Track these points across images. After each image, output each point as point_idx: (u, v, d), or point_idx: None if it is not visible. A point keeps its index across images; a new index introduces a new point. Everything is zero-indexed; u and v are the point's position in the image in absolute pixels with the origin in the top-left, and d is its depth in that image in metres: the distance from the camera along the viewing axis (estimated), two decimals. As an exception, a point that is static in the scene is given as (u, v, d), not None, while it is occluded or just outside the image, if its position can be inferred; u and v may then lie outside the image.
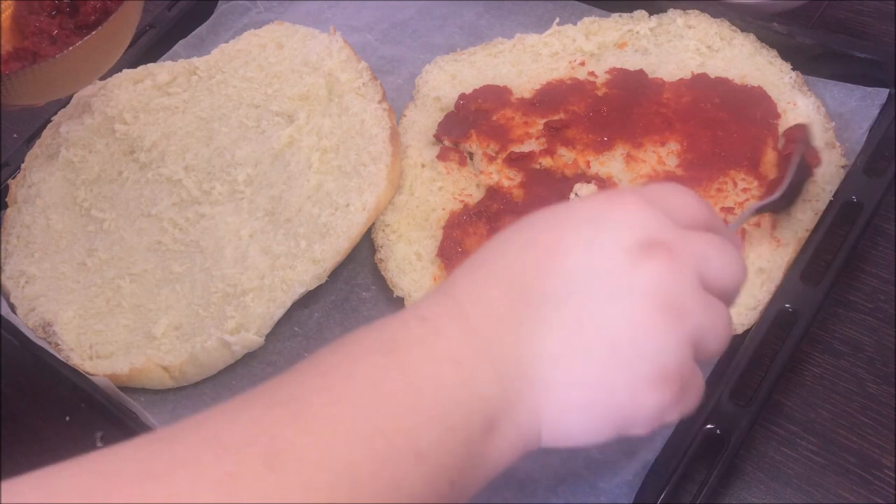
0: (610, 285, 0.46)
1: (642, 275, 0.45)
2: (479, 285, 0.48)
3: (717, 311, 0.48)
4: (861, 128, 0.77)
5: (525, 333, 0.46)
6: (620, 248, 0.46)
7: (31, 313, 0.81)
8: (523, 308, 0.47)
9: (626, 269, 0.46)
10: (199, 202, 0.83)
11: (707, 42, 0.86)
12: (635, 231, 0.47)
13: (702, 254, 0.47)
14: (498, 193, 0.79)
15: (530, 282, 0.47)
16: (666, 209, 0.48)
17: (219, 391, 0.75)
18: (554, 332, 0.46)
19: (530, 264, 0.48)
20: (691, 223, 0.49)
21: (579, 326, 0.46)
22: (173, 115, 0.91)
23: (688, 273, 0.46)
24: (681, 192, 0.51)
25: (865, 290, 0.72)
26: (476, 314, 0.47)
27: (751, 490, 0.64)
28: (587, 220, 0.48)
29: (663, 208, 0.48)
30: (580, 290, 0.46)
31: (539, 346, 0.46)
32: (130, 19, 0.80)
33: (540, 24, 0.95)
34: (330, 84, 0.88)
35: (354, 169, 0.80)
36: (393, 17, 1.02)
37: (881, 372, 0.68)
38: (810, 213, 0.73)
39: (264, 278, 0.76)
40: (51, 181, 0.90)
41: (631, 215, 0.47)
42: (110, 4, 0.79)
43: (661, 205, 0.48)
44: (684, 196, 0.51)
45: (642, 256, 0.46)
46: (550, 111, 0.84)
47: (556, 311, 0.46)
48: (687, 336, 0.46)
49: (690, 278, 0.46)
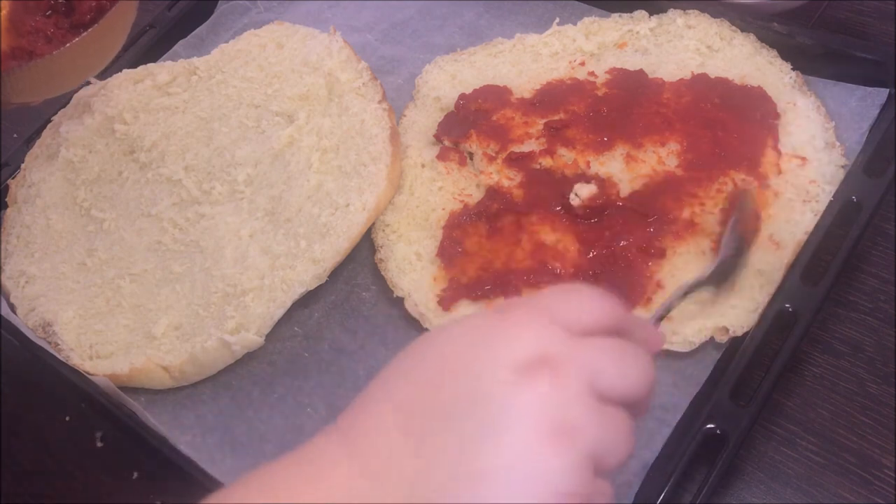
0: (495, 414, 0.43)
1: (527, 399, 0.43)
2: (369, 415, 0.47)
3: (615, 424, 0.45)
4: (861, 128, 0.77)
5: (415, 467, 0.44)
6: (506, 371, 0.44)
7: (31, 313, 0.81)
8: (413, 440, 0.44)
9: (511, 394, 0.43)
10: (199, 202, 0.83)
11: (707, 42, 0.86)
12: (521, 349, 0.45)
13: (595, 365, 0.45)
14: (498, 193, 0.79)
15: (419, 412, 0.45)
16: (561, 316, 0.46)
17: (219, 391, 0.75)
18: (443, 465, 0.44)
19: (419, 392, 0.46)
20: (592, 327, 0.47)
21: (471, 457, 0.43)
22: (173, 115, 0.91)
23: (577, 389, 0.44)
24: (579, 294, 0.48)
25: (865, 290, 0.72)
26: (365, 446, 0.45)
27: (751, 490, 0.64)
28: (474, 343, 0.46)
29: (557, 316, 0.46)
30: (467, 421, 0.44)
31: (428, 479, 0.44)
32: (126, 18, 0.80)
33: (540, 24, 0.95)
34: (330, 84, 0.88)
35: (354, 169, 0.80)
36: (393, 17, 1.02)
37: (881, 372, 0.68)
38: (810, 213, 0.73)
39: (264, 278, 0.76)
40: (51, 181, 0.90)
41: (518, 333, 0.45)
42: (106, 4, 0.79)
43: (555, 312, 0.46)
44: (584, 298, 0.48)
45: (527, 378, 0.43)
46: (550, 111, 0.84)
47: (444, 445, 0.44)
48: (582, 456, 0.43)
49: (581, 394, 0.44)
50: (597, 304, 0.48)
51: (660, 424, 0.65)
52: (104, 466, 0.75)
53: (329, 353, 0.76)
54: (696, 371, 0.67)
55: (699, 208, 0.74)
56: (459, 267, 0.76)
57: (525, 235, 0.76)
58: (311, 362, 0.75)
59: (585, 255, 0.74)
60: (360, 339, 0.76)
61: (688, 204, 0.75)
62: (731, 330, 0.67)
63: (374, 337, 0.76)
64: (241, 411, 0.73)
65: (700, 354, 0.68)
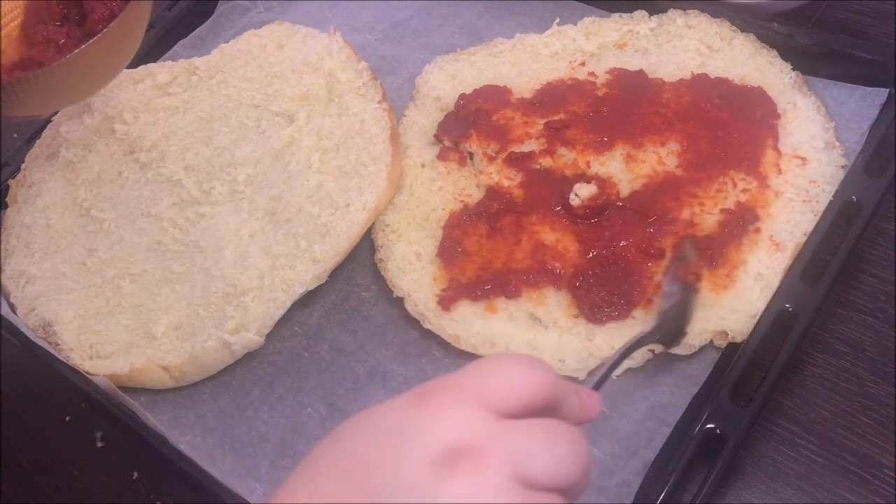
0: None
1: (448, 494, 0.41)
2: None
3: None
4: (861, 128, 0.77)
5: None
6: (426, 462, 0.42)
7: (31, 313, 0.81)
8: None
9: (432, 487, 0.41)
10: (199, 202, 0.83)
11: (707, 42, 0.86)
12: (442, 438, 0.42)
13: (522, 451, 0.42)
14: (498, 193, 0.79)
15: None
16: (486, 397, 0.43)
17: (219, 391, 0.75)
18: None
19: (341, 486, 0.44)
20: (520, 406, 0.44)
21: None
22: (173, 115, 0.91)
23: (501, 480, 0.41)
24: (507, 369, 0.45)
25: (865, 290, 0.72)
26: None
27: (751, 490, 0.64)
28: (393, 431, 0.44)
29: (482, 397, 0.43)
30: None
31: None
32: (137, 24, 0.79)
33: (540, 24, 0.95)
34: (330, 84, 0.88)
35: (354, 169, 0.80)
36: (393, 17, 1.02)
37: (881, 372, 0.68)
38: (810, 213, 0.73)
39: (264, 278, 0.76)
40: (51, 181, 0.90)
41: (439, 419, 0.43)
42: (118, 12, 0.78)
43: (479, 393, 0.44)
44: (511, 374, 0.45)
45: (447, 471, 0.41)
46: (550, 111, 0.84)
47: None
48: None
49: (505, 484, 0.41)
50: (526, 378, 0.45)
51: (660, 424, 0.65)
52: (104, 466, 0.76)
53: (329, 353, 0.76)
54: (695, 371, 0.68)
55: (699, 208, 0.74)
56: (459, 267, 0.76)
57: (525, 235, 0.76)
58: (311, 362, 0.75)
59: (585, 255, 0.74)
60: (360, 339, 0.76)
61: (687, 204, 0.75)
62: (731, 335, 0.67)
63: (374, 337, 0.76)
64: (241, 411, 0.73)
65: (700, 354, 0.68)
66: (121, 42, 0.78)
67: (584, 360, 0.69)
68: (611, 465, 0.64)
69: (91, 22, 0.79)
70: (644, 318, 0.70)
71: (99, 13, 0.78)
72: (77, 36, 0.79)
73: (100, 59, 0.77)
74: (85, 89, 0.82)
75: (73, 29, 0.80)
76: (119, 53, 0.80)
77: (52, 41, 0.78)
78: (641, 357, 0.68)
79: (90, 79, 0.79)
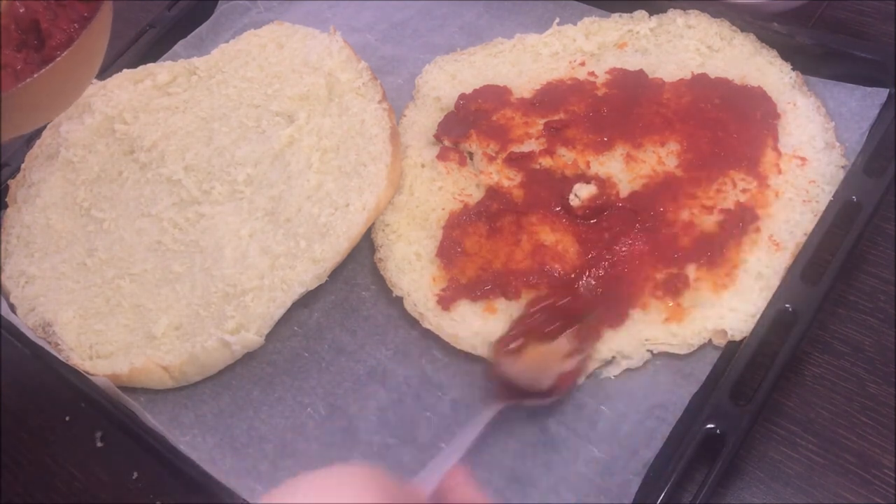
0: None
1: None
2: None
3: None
4: (861, 128, 0.77)
5: None
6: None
7: (31, 313, 0.81)
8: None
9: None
10: (199, 202, 0.83)
11: (707, 42, 0.86)
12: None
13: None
14: (498, 193, 0.79)
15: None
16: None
17: (219, 391, 0.75)
18: None
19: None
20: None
21: None
22: (173, 115, 0.91)
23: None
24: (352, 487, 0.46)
25: (865, 290, 0.72)
26: None
27: (751, 490, 0.64)
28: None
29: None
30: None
31: None
32: (95, 50, 0.78)
33: (540, 24, 0.95)
34: (330, 84, 0.88)
35: (354, 169, 0.80)
36: (393, 17, 1.02)
37: (881, 372, 0.68)
38: (810, 213, 0.73)
39: (264, 278, 0.76)
40: (51, 181, 0.90)
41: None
42: (76, 38, 0.77)
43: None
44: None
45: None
46: (550, 111, 0.84)
47: None
48: None
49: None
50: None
51: (659, 424, 0.65)
52: (104, 466, 0.76)
53: (329, 352, 0.76)
54: (695, 371, 0.68)
55: (699, 208, 0.74)
56: (459, 267, 0.76)
57: (525, 236, 0.76)
58: (311, 362, 0.75)
59: (585, 255, 0.74)
60: (359, 338, 0.76)
61: (687, 204, 0.75)
62: (730, 334, 0.67)
63: (374, 337, 0.76)
64: (241, 411, 0.73)
65: (700, 354, 0.68)
66: (79, 67, 0.78)
67: (584, 361, 0.69)
68: (611, 465, 0.64)
69: (49, 48, 0.78)
70: (643, 319, 0.70)
71: (57, 39, 0.77)
72: (35, 62, 0.78)
73: (58, 84, 0.76)
74: (42, 115, 0.81)
75: (31, 55, 0.79)
76: (78, 78, 0.79)
77: (10, 67, 0.77)
78: (641, 357, 0.68)
79: (48, 104, 0.79)
